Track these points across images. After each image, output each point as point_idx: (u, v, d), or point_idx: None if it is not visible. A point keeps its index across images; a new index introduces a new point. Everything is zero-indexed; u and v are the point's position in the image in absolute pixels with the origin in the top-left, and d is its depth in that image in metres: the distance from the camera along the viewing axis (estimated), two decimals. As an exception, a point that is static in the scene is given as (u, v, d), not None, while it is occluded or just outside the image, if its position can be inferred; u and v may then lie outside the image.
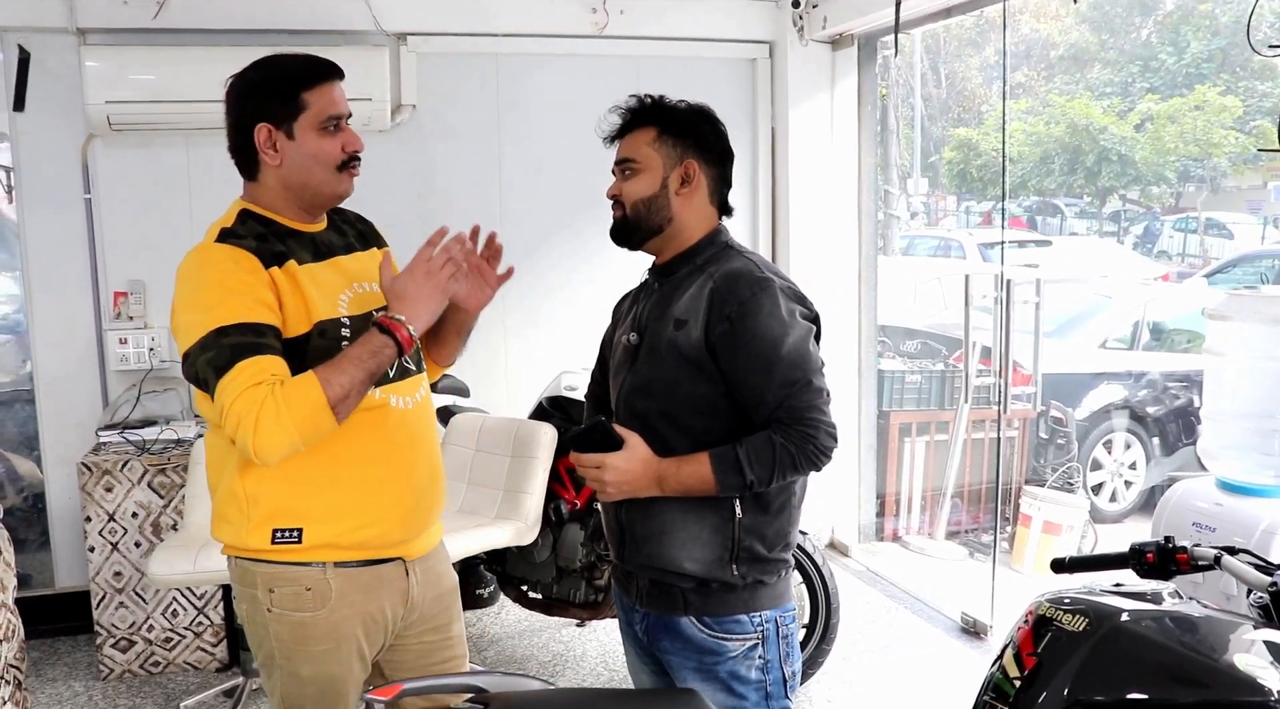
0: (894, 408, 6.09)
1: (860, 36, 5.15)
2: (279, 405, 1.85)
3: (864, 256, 5.39)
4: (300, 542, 2.05)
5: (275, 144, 2.05)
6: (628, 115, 2.16)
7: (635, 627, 2.23)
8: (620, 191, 2.15)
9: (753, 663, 2.09)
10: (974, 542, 6.05)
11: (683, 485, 2.01)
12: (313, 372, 1.91)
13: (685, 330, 2.04)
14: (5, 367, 4.69)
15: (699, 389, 2.05)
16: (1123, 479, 6.85)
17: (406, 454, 2.15)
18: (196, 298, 1.97)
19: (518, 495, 3.86)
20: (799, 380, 1.99)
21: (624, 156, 2.15)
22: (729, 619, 2.07)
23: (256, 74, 2.08)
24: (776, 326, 2.00)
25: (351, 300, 2.12)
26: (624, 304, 2.37)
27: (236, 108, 2.08)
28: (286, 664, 2.13)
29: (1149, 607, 1.73)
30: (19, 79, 4.35)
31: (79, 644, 4.46)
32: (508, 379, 5.08)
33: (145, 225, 4.53)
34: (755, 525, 2.06)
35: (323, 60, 2.10)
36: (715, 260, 2.12)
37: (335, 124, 2.07)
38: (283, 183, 2.08)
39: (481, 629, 4.65)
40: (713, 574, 2.06)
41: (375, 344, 1.95)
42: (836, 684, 4.02)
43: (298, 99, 2.04)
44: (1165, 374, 7.12)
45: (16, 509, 4.60)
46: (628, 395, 2.15)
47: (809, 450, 1.98)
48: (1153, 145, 15.33)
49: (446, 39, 4.86)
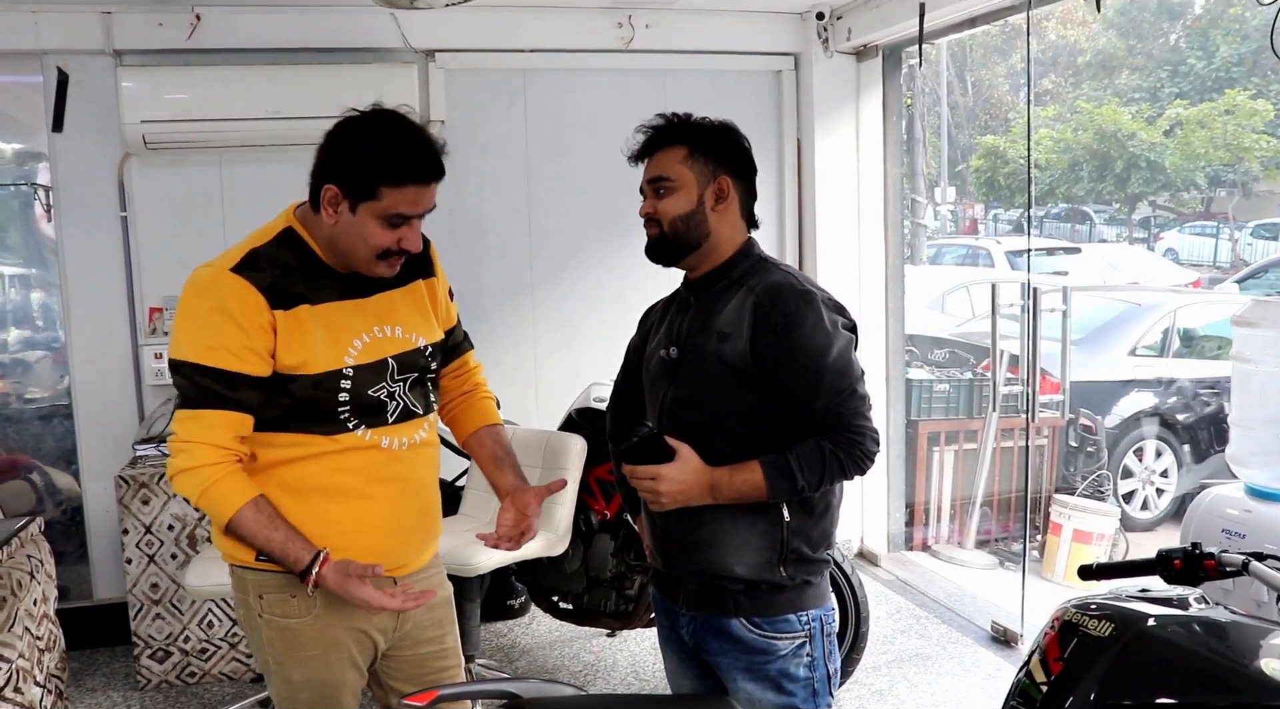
0: (922, 417, 6.08)
1: (885, 47, 5.16)
2: (207, 484, 2.00)
3: (891, 266, 5.39)
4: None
5: (336, 207, 2.03)
6: (656, 134, 2.18)
7: (681, 631, 2.25)
8: (656, 210, 2.16)
9: (801, 661, 2.13)
10: (1004, 550, 6.03)
11: (736, 492, 2.05)
12: (246, 505, 2.00)
13: (730, 343, 2.08)
14: (44, 382, 4.76)
15: (746, 399, 2.08)
16: (1154, 487, 6.80)
17: (393, 493, 2.16)
18: (193, 318, 2.02)
19: (548, 506, 3.88)
20: (844, 389, 2.04)
21: (657, 175, 2.16)
22: (779, 619, 2.12)
23: (357, 138, 2.02)
24: (821, 338, 2.04)
25: (365, 347, 2.11)
26: (652, 316, 2.40)
27: (325, 153, 2.04)
28: (279, 669, 2.18)
29: (1176, 612, 1.74)
30: (58, 100, 4.44)
31: (117, 655, 4.53)
32: (538, 391, 5.13)
33: (180, 242, 4.60)
34: (802, 527, 2.11)
35: (428, 162, 2.03)
36: (752, 274, 2.15)
37: (401, 220, 2.04)
38: (329, 237, 2.08)
39: (513, 639, 4.68)
40: (762, 576, 2.10)
41: (290, 561, 2.02)
42: (866, 694, 4.02)
43: (376, 190, 2.00)
44: (1196, 381, 7.06)
45: (56, 522, 4.67)
46: (672, 408, 2.17)
47: (856, 456, 2.04)
48: (1182, 151, 15.20)
49: (474, 55, 4.92)
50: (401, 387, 2.16)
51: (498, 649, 4.56)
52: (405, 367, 2.17)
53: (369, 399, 2.10)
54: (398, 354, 2.15)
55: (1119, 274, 12.06)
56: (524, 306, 5.11)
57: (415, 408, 2.19)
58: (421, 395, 2.22)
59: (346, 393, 2.07)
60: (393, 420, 2.14)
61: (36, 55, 4.45)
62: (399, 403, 2.15)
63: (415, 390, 2.20)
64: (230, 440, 2.01)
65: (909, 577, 5.27)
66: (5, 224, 4.69)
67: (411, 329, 2.21)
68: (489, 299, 5.03)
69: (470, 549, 3.58)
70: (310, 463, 2.08)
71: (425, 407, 2.23)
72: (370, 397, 2.10)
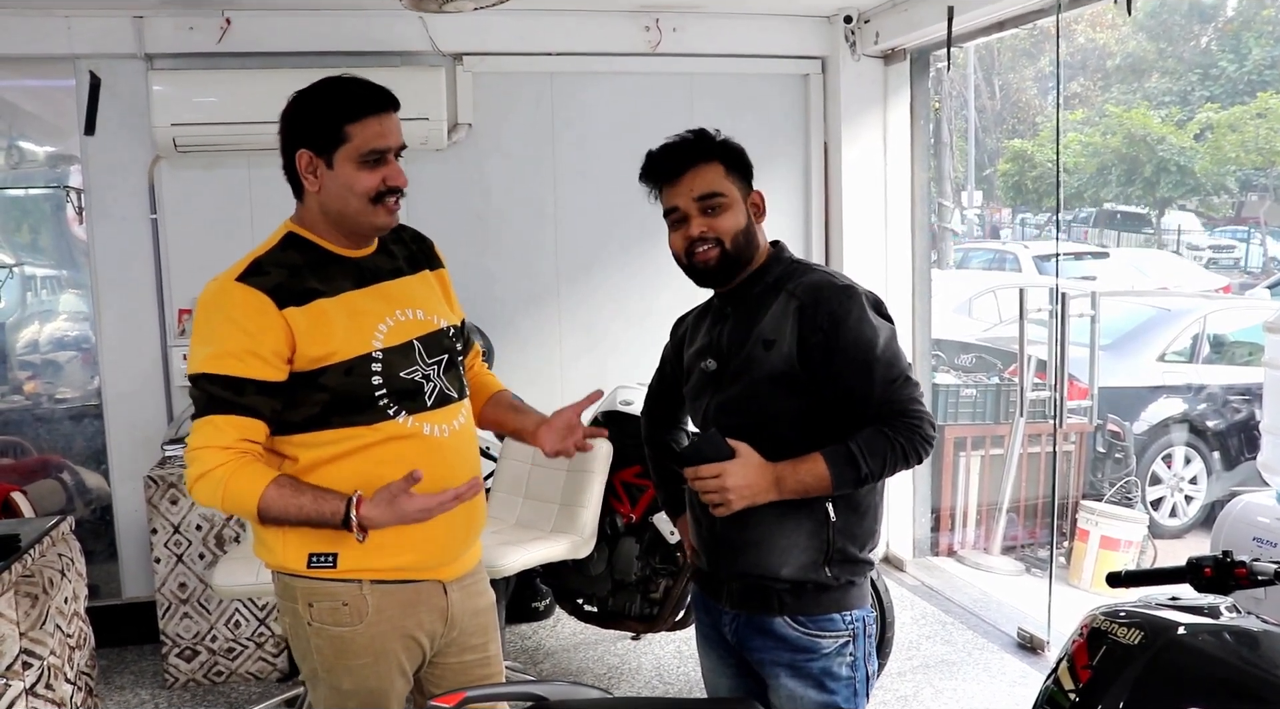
0: (949, 422, 6.05)
1: (913, 51, 5.14)
2: (221, 481, 1.99)
3: (917, 270, 5.37)
4: (335, 566, 2.09)
5: (315, 171, 2.07)
6: (689, 150, 2.16)
7: (724, 629, 2.25)
8: (712, 228, 2.13)
9: (844, 660, 2.13)
10: (1030, 557, 5.99)
11: (801, 484, 2.03)
12: (269, 485, 1.98)
13: (775, 348, 2.08)
14: (74, 382, 4.81)
15: (792, 404, 2.09)
16: (1183, 494, 6.75)
17: (441, 482, 2.11)
18: (203, 331, 2.05)
19: (574, 509, 3.89)
20: (897, 377, 2.05)
21: (710, 190, 2.13)
22: (823, 618, 2.12)
23: (306, 99, 2.09)
24: (869, 330, 2.05)
25: (390, 330, 2.12)
26: (684, 325, 2.40)
27: (286, 130, 2.11)
28: (328, 677, 2.16)
29: (1206, 621, 1.72)
30: (90, 104, 4.49)
31: (145, 653, 4.56)
32: (563, 394, 5.13)
33: (209, 244, 4.63)
34: (848, 527, 2.11)
35: (376, 92, 2.09)
36: (789, 277, 2.15)
37: (377, 158, 2.07)
38: (321, 209, 2.10)
39: (537, 641, 4.68)
40: (808, 576, 2.10)
41: (327, 514, 2.00)
42: (892, 699, 4.00)
43: (340, 131, 2.04)
44: (1226, 387, 7.00)
45: (85, 521, 4.72)
46: (716, 413, 2.17)
47: (916, 440, 2.04)
48: (1212, 155, 15.08)
49: (502, 58, 4.93)
50: (435, 369, 2.17)
51: (522, 651, 4.57)
52: (432, 348, 2.17)
53: (403, 382, 2.10)
54: (422, 336, 2.16)
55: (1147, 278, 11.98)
56: (549, 309, 5.11)
57: (450, 391, 2.20)
58: (455, 379, 2.22)
59: (379, 376, 2.07)
60: (431, 404, 2.14)
61: (69, 59, 4.50)
62: (435, 385, 2.16)
63: (449, 373, 2.21)
64: (237, 441, 2.01)
65: (934, 582, 5.25)
66: (37, 226, 4.74)
67: (432, 311, 2.23)
68: (515, 302, 5.04)
69: (497, 551, 3.59)
70: (354, 458, 2.07)
71: (460, 391, 2.24)
72: (404, 379, 2.10)
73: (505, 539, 3.79)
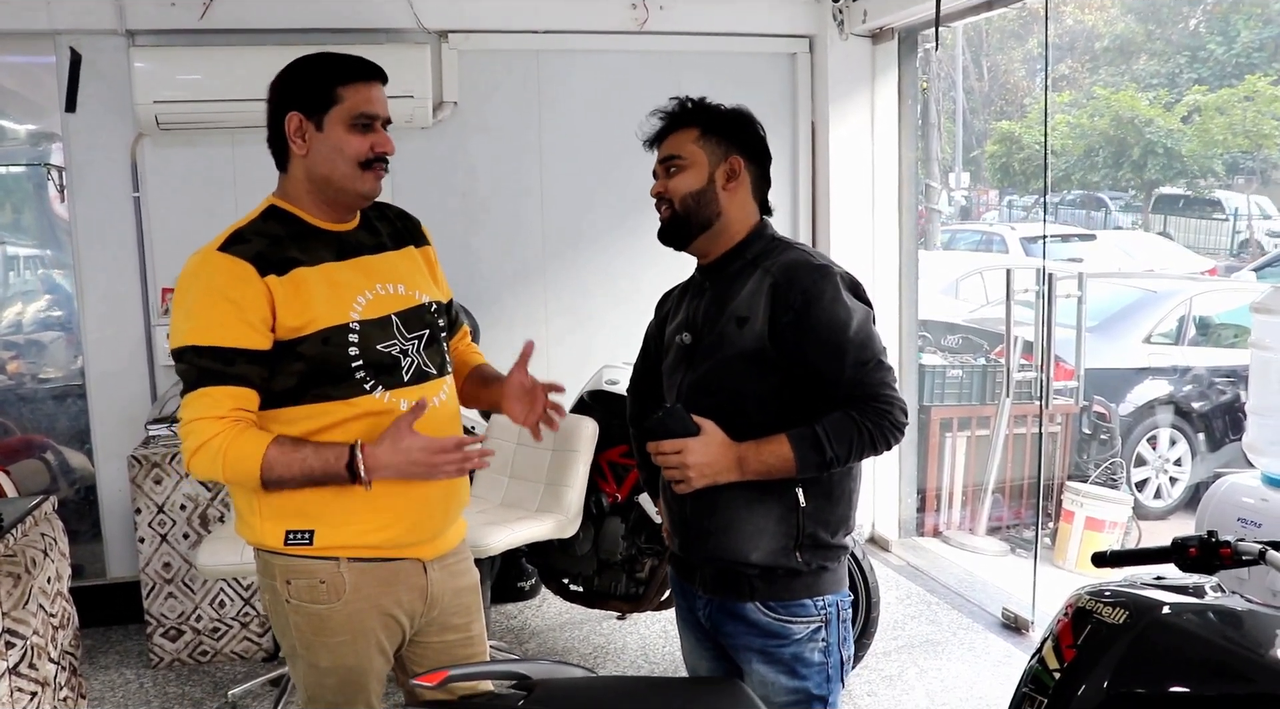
0: (935, 403, 6.07)
1: (901, 30, 5.13)
2: (220, 450, 1.96)
3: (905, 251, 5.36)
4: (311, 543, 2.08)
5: (304, 134, 2.08)
6: (670, 117, 2.18)
7: (698, 613, 2.25)
8: (666, 188, 2.16)
9: (816, 646, 2.13)
10: (1016, 537, 6.02)
11: (764, 465, 2.02)
12: (269, 446, 1.96)
13: (748, 326, 2.06)
14: (57, 362, 4.78)
15: (764, 382, 2.07)
16: (1168, 475, 6.78)
17: None
18: (186, 304, 2.03)
19: (559, 489, 3.89)
20: (869, 360, 2.04)
21: (668, 154, 2.16)
22: (794, 603, 2.11)
23: (299, 64, 2.12)
24: (842, 311, 2.03)
25: (369, 303, 2.11)
26: (669, 301, 2.39)
27: (275, 96, 2.12)
28: (306, 654, 2.16)
29: (1191, 600, 1.72)
30: (71, 80, 4.44)
31: (130, 633, 4.55)
32: (549, 373, 5.05)
33: (192, 222, 4.58)
34: (819, 513, 2.09)
35: (366, 61, 2.12)
36: (767, 254, 2.14)
37: (367, 123, 2.08)
38: (307, 175, 2.09)
39: (523, 621, 4.69)
40: (778, 562, 2.09)
41: (331, 467, 1.98)
42: (877, 679, 4.02)
43: (332, 92, 2.06)
44: (1212, 369, 7.03)
45: (69, 501, 4.70)
46: (689, 393, 2.16)
47: (885, 425, 2.02)
48: (1200, 137, 15.07)
49: (487, 36, 4.90)
50: (415, 344, 2.16)
51: (508, 631, 4.57)
52: (412, 323, 2.16)
53: (380, 355, 2.09)
54: (401, 311, 2.15)
55: (1134, 261, 11.99)
56: (535, 288, 5.09)
57: (429, 368, 2.18)
58: (436, 355, 2.21)
59: (356, 347, 2.06)
60: (408, 380, 2.13)
61: (49, 35, 4.45)
62: (413, 360, 2.14)
63: (429, 349, 2.19)
64: (231, 411, 1.99)
65: (920, 562, 5.27)
66: (19, 205, 4.70)
67: (414, 287, 2.22)
68: (500, 281, 5.02)
69: (482, 531, 3.59)
70: (331, 433, 2.06)
71: (440, 367, 2.22)
72: (381, 352, 2.09)
73: (490, 519, 3.79)
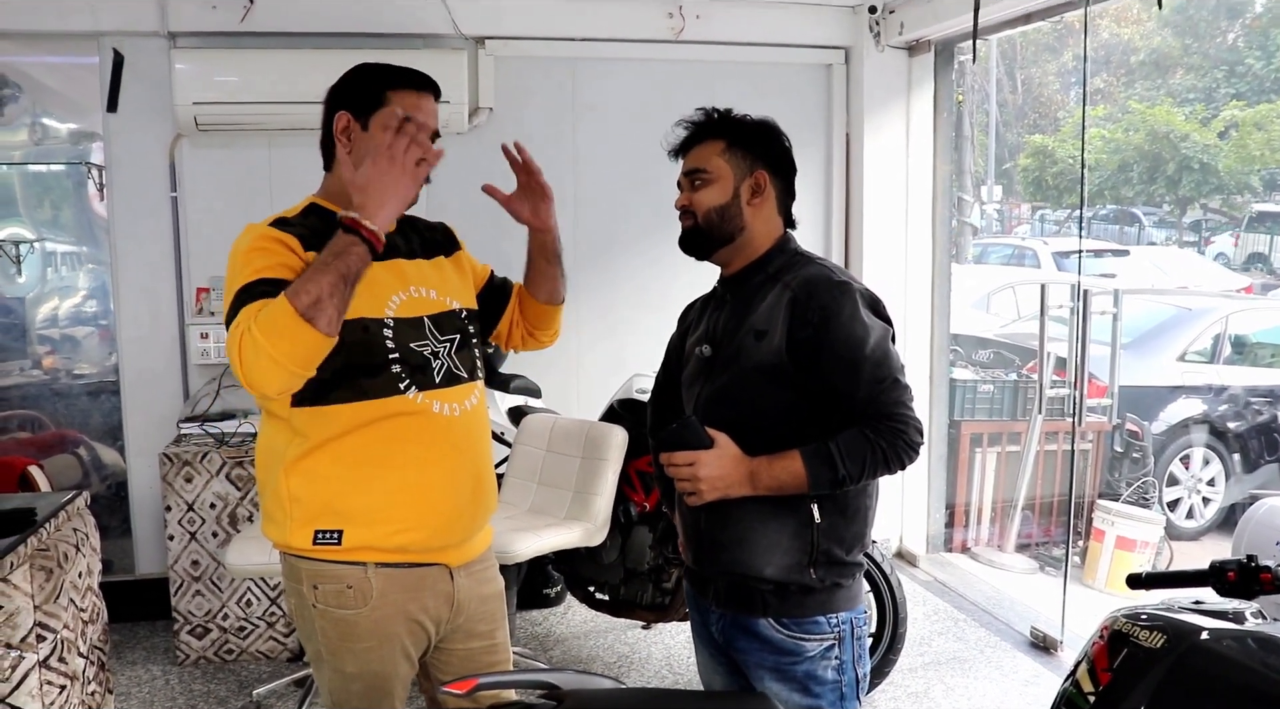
0: (965, 418, 6.02)
1: (937, 43, 5.11)
2: (255, 329, 1.84)
3: (937, 264, 5.33)
4: (340, 544, 2.08)
5: (349, 133, 2.11)
6: (695, 128, 2.19)
7: (711, 628, 2.23)
8: (690, 201, 2.17)
9: (829, 664, 2.10)
10: (1045, 555, 5.96)
11: (776, 481, 2.01)
12: (284, 292, 1.86)
13: (766, 340, 2.06)
14: (92, 359, 4.82)
15: (781, 396, 2.06)
16: (1200, 496, 6.69)
17: (449, 462, 2.14)
18: (236, 264, 2.00)
19: (587, 497, 3.89)
20: (885, 378, 2.02)
21: (694, 167, 2.16)
22: (807, 620, 2.09)
23: (356, 70, 2.18)
24: (859, 328, 2.01)
25: (403, 304, 2.12)
26: (691, 313, 2.39)
27: (330, 96, 2.17)
28: (332, 660, 2.16)
29: (1230, 626, 1.69)
30: (113, 81, 4.50)
31: (157, 629, 4.59)
32: (579, 381, 5.13)
33: (228, 223, 4.58)
34: (833, 529, 2.07)
35: (421, 73, 2.16)
36: (789, 268, 2.13)
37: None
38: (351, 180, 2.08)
39: (548, 628, 4.68)
40: (791, 578, 2.07)
41: (339, 244, 1.88)
42: (902, 695, 3.99)
43: (381, 94, 2.10)
44: (1248, 389, 6.94)
45: (101, 497, 4.74)
46: (707, 405, 2.15)
47: (899, 445, 2.00)
48: (1237, 153, 14.92)
49: (524, 43, 4.91)
50: (446, 347, 2.16)
51: (532, 638, 4.57)
52: (444, 326, 2.17)
53: (414, 353, 2.10)
54: (433, 314, 2.16)
55: (1168, 278, 11.88)
56: (568, 295, 5.07)
57: (460, 371, 2.19)
58: (467, 359, 2.21)
59: (392, 341, 2.07)
60: (439, 382, 2.13)
61: (93, 37, 4.51)
62: (443, 364, 2.15)
63: (460, 353, 2.20)
64: None
65: (947, 578, 5.23)
66: (59, 202, 4.75)
67: (445, 293, 2.23)
68: (532, 288, 5.01)
69: (509, 537, 3.59)
70: (363, 433, 2.06)
71: (470, 372, 2.23)
72: (414, 350, 2.10)
73: (518, 525, 3.78)
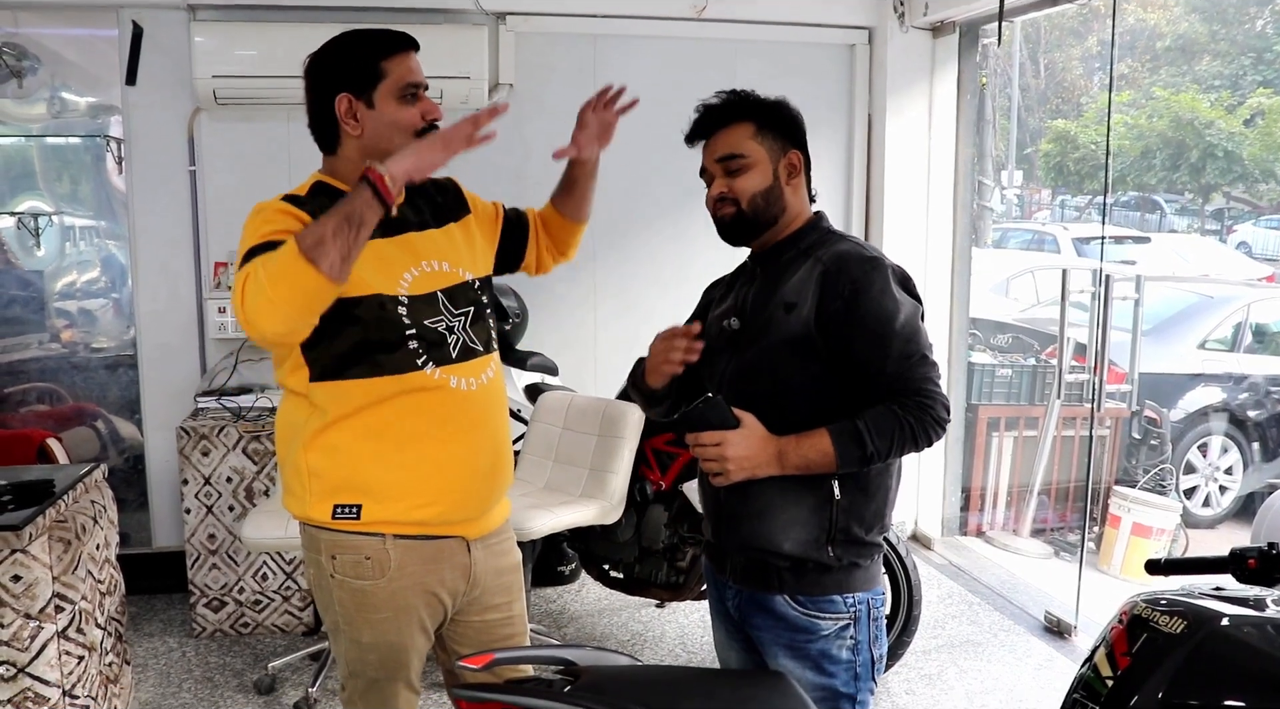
0: (983, 401, 5.99)
1: (962, 24, 5.06)
2: (260, 270, 1.84)
3: (958, 248, 5.30)
4: (359, 518, 2.09)
5: (356, 114, 2.09)
6: (719, 111, 2.15)
7: (727, 603, 2.23)
8: (730, 188, 2.12)
9: (844, 643, 2.09)
10: (1060, 540, 5.94)
11: (804, 460, 1.99)
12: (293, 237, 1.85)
13: (795, 312, 2.04)
14: (110, 332, 4.83)
15: (809, 370, 2.04)
16: (1218, 484, 6.66)
17: (467, 436, 2.15)
18: (245, 241, 2.01)
19: (603, 475, 3.89)
20: (913, 354, 2.01)
21: (728, 152, 2.12)
22: (823, 599, 2.08)
23: (335, 47, 2.13)
24: (890, 303, 2.00)
25: (416, 280, 2.12)
26: (717, 289, 2.37)
27: (316, 81, 2.13)
28: (349, 630, 2.18)
29: (1251, 613, 1.67)
30: (132, 53, 4.50)
31: (173, 602, 4.62)
32: (596, 359, 5.12)
33: (246, 197, 4.52)
34: (853, 507, 2.06)
35: (398, 31, 2.14)
36: (820, 244, 2.12)
37: (413, 93, 2.10)
38: (363, 153, 2.09)
39: (562, 606, 4.69)
40: (809, 555, 2.06)
41: (353, 195, 1.87)
42: (916, 677, 3.98)
43: (377, 68, 2.08)
44: (1269, 378, 6.89)
45: (118, 470, 4.76)
46: (733, 379, 2.14)
47: (927, 421, 1.99)
48: (1263, 141, 14.77)
49: (545, 19, 4.89)
50: (461, 321, 2.16)
51: (547, 615, 4.58)
52: (458, 300, 2.17)
53: (430, 330, 2.10)
54: (446, 288, 2.16)
55: (1189, 265, 11.79)
56: (585, 274, 5.08)
57: (475, 344, 2.19)
58: (482, 332, 2.22)
59: (407, 318, 2.08)
60: (455, 357, 2.14)
61: (113, 9, 4.50)
62: (458, 338, 2.15)
63: (475, 326, 2.20)
64: None
65: (962, 562, 5.21)
66: (78, 176, 4.75)
67: (458, 264, 2.22)
68: (550, 265, 5.01)
69: (525, 514, 3.59)
70: (381, 408, 2.07)
71: (485, 344, 2.23)
72: (429, 327, 2.10)
73: (533, 502, 3.79)
